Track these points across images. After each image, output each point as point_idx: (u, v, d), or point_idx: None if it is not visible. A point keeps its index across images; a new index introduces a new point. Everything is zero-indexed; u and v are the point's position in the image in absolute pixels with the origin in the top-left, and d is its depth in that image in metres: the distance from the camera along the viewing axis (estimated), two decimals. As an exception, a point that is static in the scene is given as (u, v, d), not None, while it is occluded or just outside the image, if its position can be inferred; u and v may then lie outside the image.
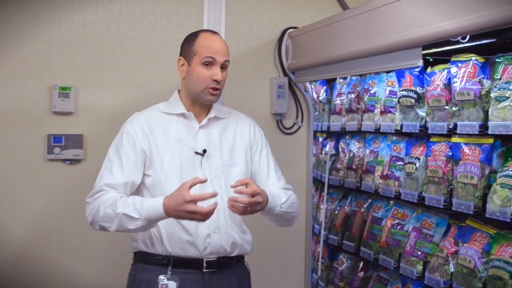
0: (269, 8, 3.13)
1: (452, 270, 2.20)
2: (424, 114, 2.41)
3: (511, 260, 1.94)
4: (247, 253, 2.17)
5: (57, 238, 2.76)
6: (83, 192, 2.77)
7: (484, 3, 1.76)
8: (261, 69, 3.13)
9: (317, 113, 3.26)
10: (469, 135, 2.19)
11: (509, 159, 2.08)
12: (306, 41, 2.96)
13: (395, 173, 2.61)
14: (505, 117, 1.97)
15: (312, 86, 3.24)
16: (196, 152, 2.06)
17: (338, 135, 3.21)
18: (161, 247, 2.00)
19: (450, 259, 2.22)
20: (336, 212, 3.13)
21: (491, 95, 2.05)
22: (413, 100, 2.45)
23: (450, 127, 2.23)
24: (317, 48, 2.81)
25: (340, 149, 3.15)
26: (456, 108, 2.21)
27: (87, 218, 2.00)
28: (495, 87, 2.05)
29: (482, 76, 2.12)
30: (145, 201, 1.92)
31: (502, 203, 1.97)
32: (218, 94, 2.07)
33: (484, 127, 2.07)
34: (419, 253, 2.38)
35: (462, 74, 2.18)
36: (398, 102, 2.55)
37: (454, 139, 2.26)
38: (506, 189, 1.97)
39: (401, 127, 2.53)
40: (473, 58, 2.17)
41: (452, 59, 2.27)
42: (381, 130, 2.69)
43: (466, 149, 2.19)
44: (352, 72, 2.59)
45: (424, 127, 2.40)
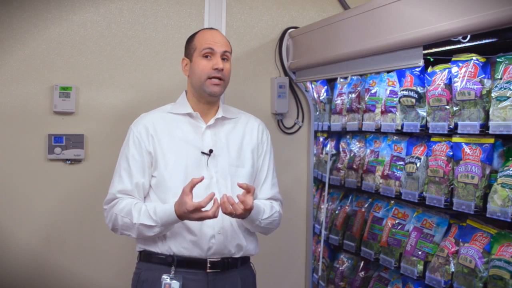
0: (269, 8, 3.13)
1: (452, 270, 2.20)
2: (425, 114, 2.41)
3: (512, 260, 1.94)
4: (252, 255, 2.16)
5: (58, 237, 2.76)
6: (83, 192, 2.80)
7: (485, 3, 1.76)
8: (262, 69, 3.13)
9: (317, 113, 3.26)
10: (470, 135, 2.19)
11: (510, 159, 2.08)
12: (307, 41, 2.96)
13: (395, 173, 2.61)
14: (506, 117, 1.97)
15: (312, 86, 3.24)
16: (203, 152, 2.06)
17: (338, 135, 3.21)
18: (164, 246, 2.00)
19: (450, 259, 2.22)
20: (336, 212, 3.13)
21: (492, 95, 2.05)
22: (414, 100, 2.45)
23: (451, 127, 2.23)
24: (318, 48, 2.81)
25: (340, 149, 3.15)
26: (457, 108, 2.20)
27: (107, 225, 2.06)
28: (496, 86, 2.05)
29: (483, 76, 2.12)
30: (157, 208, 1.95)
31: (503, 203, 1.97)
32: (221, 84, 2.07)
33: (484, 127, 2.07)
34: (419, 253, 2.38)
35: (463, 74, 2.18)
36: (399, 102, 2.55)
37: (455, 139, 2.26)
38: (507, 189, 1.97)
39: (402, 127, 2.53)
40: (474, 58, 2.17)
41: (453, 58, 2.26)
42: (381, 130, 2.69)
43: (467, 149, 2.19)
44: (353, 72, 2.59)
45: (424, 127, 2.40)
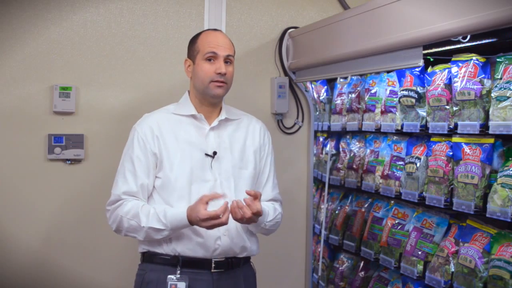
0: (269, 8, 3.13)
1: (452, 270, 2.20)
2: (424, 114, 2.41)
3: (512, 260, 1.94)
4: (254, 255, 2.17)
5: (58, 237, 2.75)
6: (83, 192, 2.80)
7: (484, 3, 1.76)
8: (262, 69, 3.13)
9: (317, 113, 3.26)
10: (470, 135, 2.19)
11: (510, 159, 2.08)
12: (306, 41, 2.96)
13: (395, 173, 2.61)
14: (505, 117, 1.97)
15: (312, 86, 3.24)
16: (207, 154, 2.05)
17: (338, 135, 3.21)
18: (169, 247, 2.00)
19: (450, 259, 2.22)
20: (336, 212, 3.13)
21: (492, 94, 2.05)
22: (413, 100, 2.45)
23: (451, 127, 2.23)
24: (317, 48, 2.81)
25: (340, 149, 3.15)
26: (457, 108, 2.20)
27: (110, 226, 2.05)
28: (496, 86, 2.05)
29: (483, 75, 2.12)
30: (167, 211, 1.94)
31: (502, 203, 1.97)
32: (224, 87, 2.06)
33: (484, 127, 2.07)
34: (419, 253, 2.38)
35: (463, 73, 2.18)
36: (399, 102, 2.55)
37: (455, 139, 2.26)
38: (506, 189, 1.97)
39: (402, 127, 2.53)
40: (474, 58, 2.17)
41: (453, 58, 2.26)
42: (381, 130, 2.69)
43: (466, 149, 2.19)
44: (353, 72, 2.59)
45: (424, 127, 2.40)
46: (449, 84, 2.27)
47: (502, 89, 2.01)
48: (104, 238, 2.74)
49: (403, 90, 2.52)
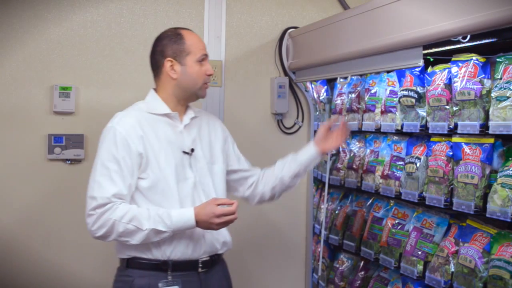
0: (269, 7, 3.13)
1: (452, 270, 2.20)
2: (424, 114, 2.41)
3: (512, 260, 1.94)
4: (230, 248, 2.22)
5: (58, 238, 2.75)
6: (83, 192, 2.79)
7: (484, 3, 1.76)
8: (262, 69, 3.13)
9: (317, 113, 3.26)
10: (470, 135, 2.19)
11: (510, 158, 2.08)
12: (306, 41, 2.96)
13: (395, 173, 2.61)
14: (505, 117, 1.97)
15: (312, 86, 3.24)
16: (184, 152, 2.07)
17: (338, 135, 3.21)
18: (158, 252, 1.99)
19: (450, 259, 2.22)
20: (336, 212, 3.13)
21: (492, 94, 2.05)
22: (413, 100, 2.45)
23: (451, 127, 2.23)
24: (317, 48, 2.81)
25: (340, 149, 3.15)
26: (457, 108, 2.20)
27: (92, 231, 1.94)
28: (496, 86, 2.05)
29: (483, 75, 2.12)
30: (172, 213, 1.93)
31: (502, 203, 1.97)
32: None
33: (484, 127, 2.07)
34: (419, 253, 2.38)
35: (463, 73, 2.18)
36: (399, 102, 2.55)
37: (455, 139, 2.26)
38: (506, 189, 1.97)
39: (402, 127, 2.53)
40: (474, 58, 2.17)
41: (453, 58, 2.26)
42: (381, 130, 2.69)
43: (466, 149, 2.19)
44: (353, 72, 2.58)
45: (424, 127, 2.40)
46: (449, 84, 2.27)
47: (502, 89, 2.01)
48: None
49: (403, 90, 2.52)
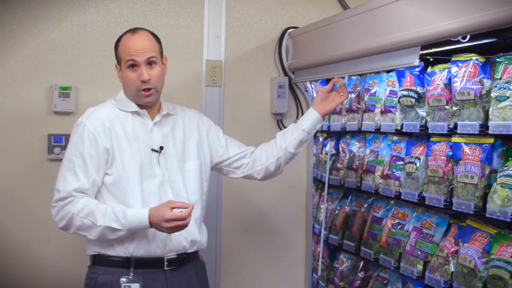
0: (269, 8, 3.13)
1: (452, 270, 2.20)
2: (424, 114, 2.41)
3: (512, 260, 1.94)
4: (203, 248, 2.21)
5: (57, 238, 2.75)
6: (83, 192, 2.80)
7: (484, 3, 1.76)
8: (261, 69, 3.13)
9: (317, 113, 3.26)
10: (470, 135, 2.19)
11: (510, 158, 2.08)
12: (306, 41, 2.96)
13: (395, 173, 2.61)
14: (505, 117, 1.97)
15: (312, 85, 3.24)
16: (153, 150, 2.07)
17: (338, 135, 3.21)
18: (121, 249, 2.00)
19: (450, 259, 2.22)
20: (336, 212, 3.13)
21: (492, 94, 2.05)
22: (413, 100, 2.45)
23: (451, 126, 2.23)
24: (317, 48, 2.81)
25: (340, 149, 3.15)
26: (457, 108, 2.20)
27: (55, 222, 1.99)
28: (496, 86, 2.05)
29: (483, 75, 2.12)
30: (127, 212, 1.94)
31: (502, 203, 1.97)
32: (153, 93, 2.07)
33: (484, 126, 2.07)
34: (419, 253, 2.39)
35: (463, 73, 2.18)
36: (399, 102, 2.55)
37: (455, 139, 2.26)
38: (506, 189, 1.97)
39: (402, 127, 2.53)
40: (474, 58, 2.17)
41: (453, 58, 2.26)
42: (381, 130, 2.69)
43: (466, 149, 2.19)
44: (352, 72, 2.58)
45: (424, 127, 2.40)
46: (448, 84, 2.27)
47: (502, 89, 2.01)
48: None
49: (402, 90, 2.52)
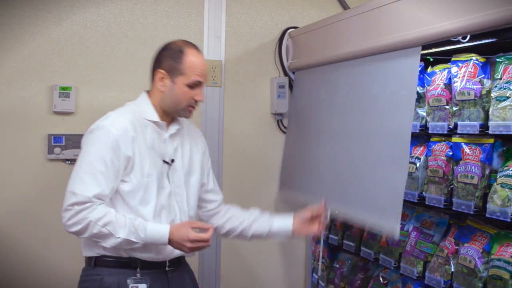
0: (269, 8, 3.13)
1: (452, 270, 2.20)
2: (424, 114, 2.41)
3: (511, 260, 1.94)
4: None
5: (57, 238, 2.75)
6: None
7: (484, 3, 1.76)
8: (262, 69, 3.13)
9: (317, 113, 3.26)
10: (470, 135, 2.19)
11: (510, 159, 2.08)
12: (306, 41, 2.96)
13: (395, 173, 2.60)
14: (505, 117, 1.97)
15: (312, 86, 3.24)
16: (164, 161, 2.06)
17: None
18: (126, 252, 1.99)
19: (450, 259, 2.22)
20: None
21: (492, 95, 2.05)
22: (413, 100, 2.45)
23: (451, 127, 2.23)
24: (317, 48, 2.81)
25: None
26: (457, 108, 2.20)
27: (67, 225, 1.92)
28: (496, 86, 2.05)
29: (483, 76, 2.12)
30: (147, 226, 1.92)
31: (502, 203, 1.97)
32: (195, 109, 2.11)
33: (484, 127, 2.07)
34: (419, 253, 2.39)
35: (463, 73, 2.18)
36: (399, 102, 2.55)
37: (455, 139, 2.26)
38: (506, 189, 1.97)
39: (402, 127, 2.53)
40: (474, 58, 2.17)
41: (453, 58, 2.26)
42: (381, 130, 2.68)
43: (466, 149, 2.19)
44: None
45: (424, 127, 2.40)
46: (449, 84, 2.27)
47: (502, 89, 2.01)
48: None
49: (403, 90, 2.52)
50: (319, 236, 2.80)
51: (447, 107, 2.27)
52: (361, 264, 2.92)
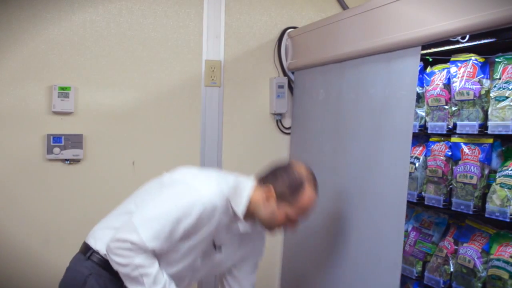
0: (268, 8, 3.13)
1: (451, 269, 2.20)
2: (423, 114, 2.41)
3: (511, 260, 1.94)
4: None
5: (57, 238, 2.75)
6: (82, 192, 2.80)
7: (484, 3, 1.76)
8: (261, 69, 3.13)
9: (316, 113, 3.26)
10: (469, 135, 2.19)
11: (509, 158, 2.09)
12: (305, 41, 2.96)
13: (394, 173, 2.61)
14: (504, 117, 1.97)
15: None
16: (214, 244, 2.03)
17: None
18: None
19: (449, 258, 2.22)
20: (335, 212, 3.13)
21: (491, 94, 2.05)
22: (412, 100, 2.45)
23: (450, 127, 2.23)
24: (316, 48, 2.81)
25: (339, 149, 3.15)
26: (456, 108, 2.21)
27: (112, 252, 1.86)
28: (495, 86, 2.05)
29: (482, 75, 2.12)
30: None
31: (501, 203, 1.97)
32: None
33: (483, 127, 2.07)
34: (418, 252, 2.39)
35: (462, 74, 2.19)
36: (398, 102, 2.55)
37: (454, 139, 2.26)
38: (505, 189, 1.97)
39: (401, 127, 2.53)
40: (473, 58, 2.17)
41: (452, 58, 2.27)
42: (380, 130, 2.69)
43: (465, 149, 2.20)
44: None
45: (423, 127, 2.40)
46: (448, 84, 2.27)
47: (501, 89, 2.01)
48: (103, 238, 2.74)
49: (402, 90, 2.52)
50: None
51: (446, 107, 2.27)
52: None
